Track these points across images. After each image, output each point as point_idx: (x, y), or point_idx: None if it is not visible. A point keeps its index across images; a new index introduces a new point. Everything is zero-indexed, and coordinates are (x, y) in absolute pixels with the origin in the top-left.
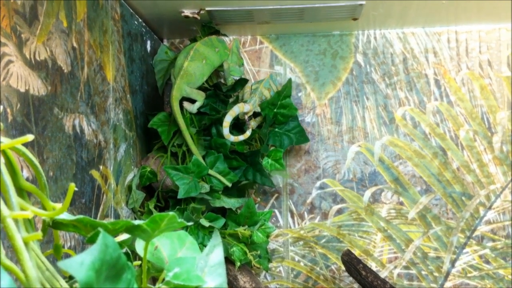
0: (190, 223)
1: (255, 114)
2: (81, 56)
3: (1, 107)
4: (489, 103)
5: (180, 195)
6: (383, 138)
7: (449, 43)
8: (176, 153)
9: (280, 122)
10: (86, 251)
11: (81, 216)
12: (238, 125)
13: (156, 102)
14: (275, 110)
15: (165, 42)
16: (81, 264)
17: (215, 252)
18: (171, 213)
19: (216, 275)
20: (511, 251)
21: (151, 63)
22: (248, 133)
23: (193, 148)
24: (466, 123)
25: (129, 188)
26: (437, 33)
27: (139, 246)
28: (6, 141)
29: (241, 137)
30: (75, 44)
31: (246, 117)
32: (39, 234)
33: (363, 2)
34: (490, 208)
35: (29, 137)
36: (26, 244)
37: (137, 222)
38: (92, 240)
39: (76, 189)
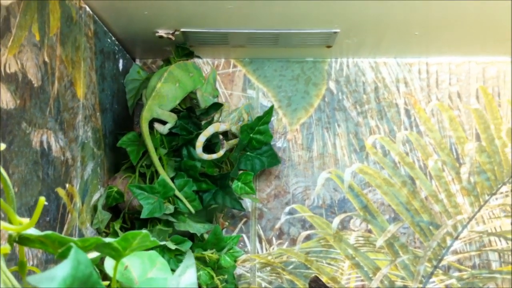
0: (163, 242)
1: (228, 136)
2: (52, 71)
3: None
4: (458, 134)
5: (143, 215)
6: (353, 165)
7: (420, 74)
8: (144, 174)
9: (254, 148)
10: (57, 266)
11: (49, 232)
12: (209, 147)
13: (126, 121)
14: (251, 135)
15: (138, 62)
16: (51, 279)
17: (188, 273)
18: (144, 231)
19: None
20: (476, 281)
21: (123, 82)
22: (221, 152)
23: (160, 169)
24: (435, 153)
25: (95, 208)
26: (409, 63)
27: (109, 265)
28: None
29: (215, 156)
30: (46, 59)
31: (221, 137)
32: (7, 247)
33: (338, 30)
34: (457, 238)
35: (2, 146)
36: None
37: (108, 240)
38: (63, 256)
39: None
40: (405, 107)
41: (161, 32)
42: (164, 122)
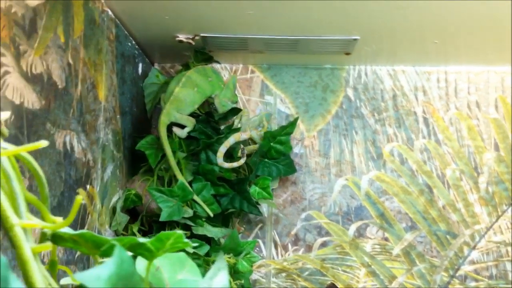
0: (195, 244)
1: (246, 141)
2: (75, 73)
3: (8, 113)
4: (476, 143)
5: (162, 218)
6: (370, 173)
7: (439, 82)
8: (162, 177)
9: (272, 157)
10: (102, 265)
11: (84, 231)
12: (228, 152)
13: (144, 125)
14: (272, 143)
15: (156, 66)
16: (97, 278)
17: (220, 275)
18: (178, 231)
19: None
20: None
21: (142, 85)
22: (242, 160)
23: (178, 173)
24: (453, 162)
25: (114, 210)
26: (427, 72)
27: (140, 265)
28: (17, 147)
29: (235, 164)
30: (70, 61)
31: (241, 145)
32: (48, 245)
33: (357, 37)
34: (474, 248)
35: (44, 143)
36: (34, 255)
37: (142, 240)
38: (105, 254)
39: (75, 202)
40: (423, 116)
41: (181, 37)
42: (182, 126)
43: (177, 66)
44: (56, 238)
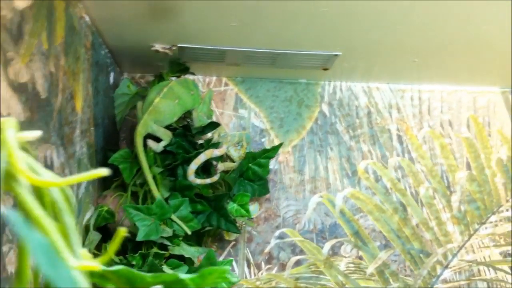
0: (237, 279)
1: (223, 157)
2: (56, 82)
3: (40, 132)
4: (449, 162)
5: (139, 237)
6: (345, 190)
7: (412, 100)
8: (136, 193)
9: (248, 178)
10: None
11: (120, 267)
12: (205, 168)
13: (113, 137)
14: (250, 164)
15: (125, 76)
16: None
17: None
18: (225, 266)
19: None
20: None
21: (113, 96)
22: (215, 177)
23: (154, 189)
24: (426, 180)
25: (87, 228)
26: (401, 90)
27: None
28: (75, 176)
29: (208, 180)
30: (52, 69)
31: (214, 161)
32: None
33: (339, 53)
34: (446, 267)
35: (104, 172)
36: None
37: (183, 276)
38: None
39: None
40: (397, 133)
41: (158, 47)
42: (157, 140)
43: (147, 76)
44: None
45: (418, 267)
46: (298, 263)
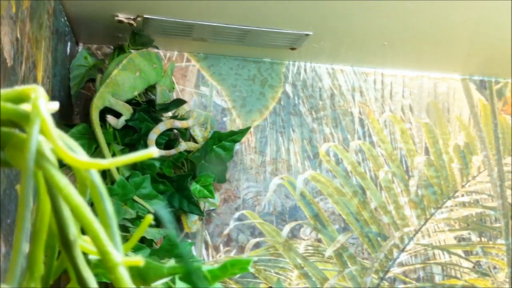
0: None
1: (185, 136)
2: (21, 50)
3: (57, 104)
4: (408, 147)
5: None
6: (306, 172)
7: (375, 84)
8: None
9: (210, 161)
10: None
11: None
12: (169, 145)
13: (68, 111)
14: (214, 146)
15: (81, 46)
16: None
17: None
18: (246, 258)
19: None
20: None
21: (69, 67)
22: (181, 147)
23: (113, 169)
24: (386, 164)
25: None
26: (365, 73)
27: None
28: (122, 157)
29: (173, 151)
30: (18, 35)
31: (176, 132)
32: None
33: (310, 33)
34: (403, 250)
35: (154, 153)
36: None
37: (206, 267)
38: None
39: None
40: (359, 116)
41: (121, 17)
42: (117, 116)
43: (105, 48)
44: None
45: (375, 250)
46: (257, 246)
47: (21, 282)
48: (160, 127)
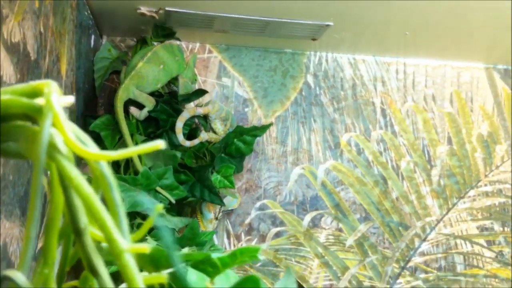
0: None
1: (206, 129)
2: (45, 43)
3: (73, 98)
4: (431, 136)
5: (125, 209)
6: (327, 162)
7: (397, 74)
8: (117, 162)
9: (230, 154)
10: None
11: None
12: (191, 135)
13: (93, 103)
14: (235, 139)
15: (105, 39)
16: None
17: None
18: (256, 245)
19: None
20: (442, 283)
21: (93, 60)
22: (203, 136)
23: (136, 158)
24: (408, 154)
25: None
26: (387, 63)
27: (195, 281)
28: (133, 148)
29: (196, 141)
30: (42, 29)
31: (197, 121)
32: (162, 276)
33: (331, 23)
34: (424, 240)
35: (161, 145)
36: None
37: (215, 255)
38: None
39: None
40: (381, 106)
41: (144, 9)
42: (141, 107)
43: (128, 40)
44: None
45: (396, 239)
46: (278, 235)
47: (35, 268)
48: (185, 115)
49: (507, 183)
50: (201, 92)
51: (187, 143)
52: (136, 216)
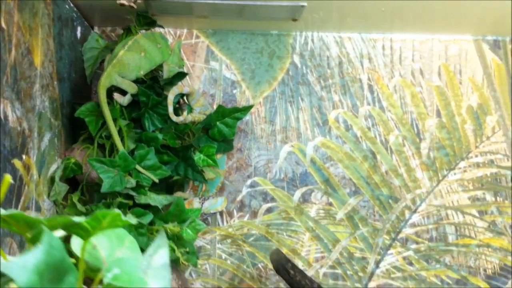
0: (134, 221)
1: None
2: (9, 38)
3: None
4: (419, 110)
5: (103, 189)
6: (315, 139)
7: (384, 50)
8: (103, 145)
9: (213, 137)
10: (29, 253)
11: (14, 211)
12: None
13: (84, 91)
14: (218, 122)
15: (96, 30)
16: (23, 267)
17: (160, 253)
18: (115, 210)
19: (160, 277)
20: (433, 254)
21: (81, 50)
22: (189, 116)
23: (117, 140)
24: (396, 128)
25: (52, 179)
26: (373, 39)
27: (76, 244)
28: None
29: (189, 117)
30: (3, 25)
31: (182, 102)
32: None
33: (305, 4)
34: (415, 211)
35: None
36: None
37: (77, 219)
38: (34, 240)
39: None
40: (368, 83)
41: (122, 0)
42: (125, 93)
43: (118, 30)
44: None
45: (386, 212)
46: (269, 211)
47: None
48: (174, 89)
49: (499, 153)
50: (182, 75)
51: (181, 119)
52: (117, 195)
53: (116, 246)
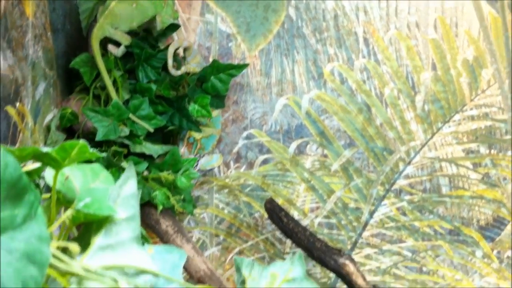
0: (103, 154)
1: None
2: None
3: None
4: (414, 63)
5: (98, 137)
6: (311, 92)
7: (380, 2)
8: (99, 96)
9: (206, 91)
10: None
11: None
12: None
13: (80, 43)
14: (212, 77)
15: None
16: None
17: (129, 183)
18: (81, 141)
19: (128, 206)
20: (427, 204)
21: (76, 2)
22: (183, 67)
23: (111, 90)
24: (391, 81)
25: (48, 128)
26: None
27: (49, 175)
28: None
29: (184, 69)
30: None
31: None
32: None
33: None
34: (409, 163)
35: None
36: None
37: (45, 149)
38: None
39: None
40: (364, 36)
41: None
42: (119, 45)
43: None
44: None
45: (381, 164)
46: (265, 162)
47: None
48: (175, 43)
49: (494, 106)
50: (175, 27)
51: (179, 72)
52: (113, 144)
53: (90, 179)
